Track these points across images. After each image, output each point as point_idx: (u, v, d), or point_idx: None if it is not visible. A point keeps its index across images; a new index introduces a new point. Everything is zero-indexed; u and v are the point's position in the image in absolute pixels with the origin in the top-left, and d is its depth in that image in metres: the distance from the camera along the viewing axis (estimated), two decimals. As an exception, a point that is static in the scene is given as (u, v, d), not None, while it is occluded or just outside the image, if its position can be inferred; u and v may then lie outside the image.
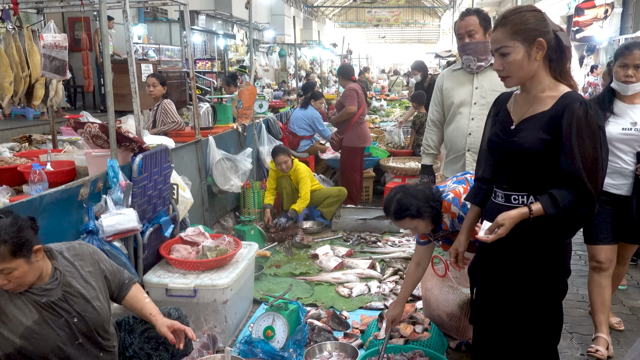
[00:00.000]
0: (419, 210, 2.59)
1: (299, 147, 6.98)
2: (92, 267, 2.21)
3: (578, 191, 1.87)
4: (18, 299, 1.97)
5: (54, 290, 2.04)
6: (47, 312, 2.02)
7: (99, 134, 3.21)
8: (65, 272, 2.10)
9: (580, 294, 3.97)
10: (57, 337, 2.03)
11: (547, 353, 2.11)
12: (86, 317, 2.11)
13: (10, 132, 6.79)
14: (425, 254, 2.91)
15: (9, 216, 1.92)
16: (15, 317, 1.95)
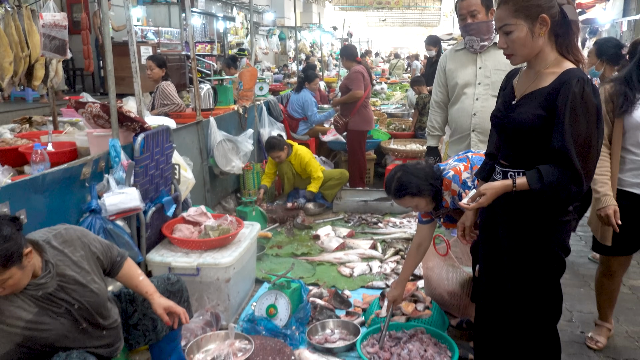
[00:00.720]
0: (419, 188, 2.60)
1: (298, 130, 6.96)
2: (83, 250, 2.15)
3: (566, 169, 1.85)
4: (14, 297, 1.92)
5: (49, 282, 1.99)
6: (46, 304, 1.99)
7: (100, 113, 3.20)
8: (57, 262, 2.04)
9: (581, 273, 3.99)
10: (61, 326, 2.02)
11: (546, 331, 2.12)
12: (86, 302, 2.09)
13: (9, 114, 6.76)
14: (426, 234, 2.92)
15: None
16: (13, 314, 1.91)
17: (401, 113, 9.01)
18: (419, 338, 2.87)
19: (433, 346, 2.81)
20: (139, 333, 2.39)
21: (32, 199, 2.50)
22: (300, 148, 5.50)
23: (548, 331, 2.11)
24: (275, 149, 5.31)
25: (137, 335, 2.40)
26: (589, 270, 4.05)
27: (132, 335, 2.40)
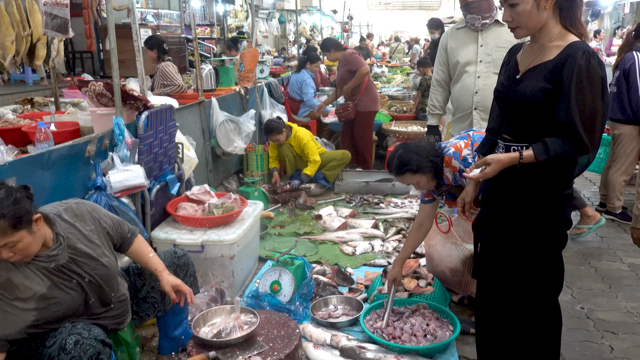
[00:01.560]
0: (419, 165, 2.64)
1: (299, 112, 6.96)
2: (93, 224, 2.17)
3: (572, 142, 1.87)
4: (26, 269, 1.95)
5: (60, 255, 2.02)
6: (57, 277, 2.01)
7: (103, 92, 3.21)
8: (68, 235, 2.06)
9: (580, 251, 4.03)
10: (72, 299, 2.04)
11: (548, 303, 2.15)
12: (97, 275, 2.12)
13: (10, 96, 6.74)
14: (428, 214, 2.95)
15: (1, 188, 1.84)
16: (27, 287, 1.93)
17: (402, 95, 8.99)
18: (421, 313, 2.91)
19: (435, 321, 2.85)
20: (148, 305, 2.43)
21: (38, 175, 2.51)
22: (299, 130, 5.51)
23: (550, 303, 2.14)
24: (273, 132, 5.31)
25: (146, 308, 2.44)
26: (589, 249, 4.10)
27: (142, 308, 2.44)
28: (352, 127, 6.10)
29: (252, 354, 2.30)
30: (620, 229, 4.54)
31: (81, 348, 1.92)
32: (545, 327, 2.16)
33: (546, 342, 2.17)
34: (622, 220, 4.64)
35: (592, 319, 3.06)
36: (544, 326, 2.16)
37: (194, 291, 2.61)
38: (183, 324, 2.71)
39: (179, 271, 2.50)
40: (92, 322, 2.11)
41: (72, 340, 1.93)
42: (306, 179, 5.37)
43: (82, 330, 1.98)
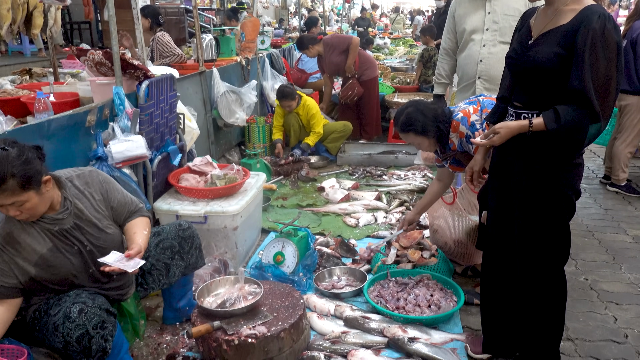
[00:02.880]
0: (424, 127, 2.65)
1: (306, 84, 6.91)
2: (101, 195, 2.18)
3: (584, 110, 1.82)
4: (31, 228, 1.97)
5: (66, 219, 2.03)
6: (60, 240, 2.02)
7: (102, 61, 3.14)
8: (75, 201, 2.07)
9: (584, 224, 4.01)
10: (71, 265, 2.05)
11: (554, 273, 2.14)
12: (99, 245, 2.12)
13: (8, 68, 6.65)
14: (445, 172, 3.02)
15: (14, 147, 1.83)
16: (29, 245, 1.95)
17: (405, 67, 8.88)
18: (425, 284, 2.91)
19: (439, 291, 2.85)
20: (152, 278, 2.42)
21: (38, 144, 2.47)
22: (308, 99, 5.46)
23: (556, 273, 2.13)
24: (287, 98, 5.25)
25: (150, 281, 2.43)
26: (593, 221, 4.08)
27: (146, 280, 2.43)
28: (359, 99, 6.04)
29: (257, 324, 2.30)
30: (624, 201, 4.52)
31: (85, 316, 1.93)
32: (551, 296, 2.15)
33: (551, 311, 2.17)
34: (626, 193, 4.61)
35: (596, 290, 3.06)
36: (549, 295, 2.15)
37: (199, 264, 2.61)
38: (187, 295, 2.71)
39: (183, 243, 2.48)
40: (95, 292, 2.11)
41: (76, 308, 1.93)
42: (306, 148, 5.34)
43: (86, 299, 1.99)
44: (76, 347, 1.94)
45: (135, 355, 2.47)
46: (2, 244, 1.93)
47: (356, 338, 2.51)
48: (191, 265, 2.55)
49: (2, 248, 1.93)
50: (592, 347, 2.52)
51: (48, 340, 2.00)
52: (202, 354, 2.35)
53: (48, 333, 1.98)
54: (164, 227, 2.51)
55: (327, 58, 5.99)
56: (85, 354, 1.96)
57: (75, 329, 1.92)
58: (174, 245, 2.44)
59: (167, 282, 2.48)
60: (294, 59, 7.85)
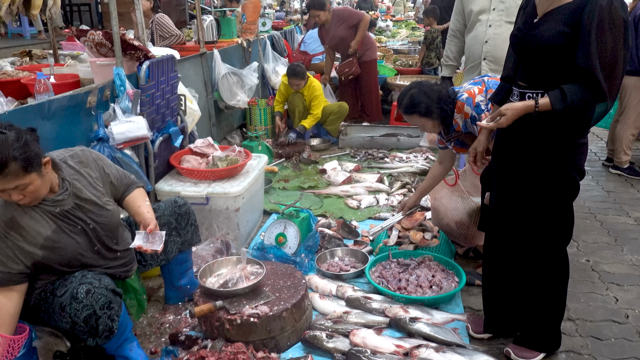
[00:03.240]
0: (428, 109, 2.63)
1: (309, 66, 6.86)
2: (98, 172, 2.18)
3: (590, 88, 1.80)
4: (33, 212, 1.96)
5: (66, 200, 2.02)
6: (63, 221, 2.02)
7: (102, 41, 3.12)
8: (73, 180, 2.07)
9: (586, 206, 4.01)
10: (77, 244, 2.05)
11: (557, 253, 2.14)
12: (101, 222, 2.13)
13: (7, 50, 6.60)
14: (447, 155, 2.99)
15: (11, 130, 1.80)
16: (33, 229, 1.94)
17: (407, 49, 8.80)
18: (427, 265, 2.92)
19: (441, 272, 2.86)
20: (150, 254, 2.43)
21: (39, 126, 2.41)
22: (314, 81, 5.43)
23: (558, 253, 2.13)
24: (298, 76, 5.21)
25: (149, 257, 2.46)
26: (595, 203, 4.07)
27: (144, 257, 2.45)
28: (358, 81, 5.98)
29: (259, 304, 2.31)
30: (627, 183, 4.51)
31: (92, 297, 1.94)
32: (553, 276, 2.16)
33: (553, 291, 2.17)
34: (629, 175, 4.60)
35: (597, 271, 3.07)
36: (551, 275, 2.16)
37: (195, 240, 2.63)
38: (188, 273, 2.72)
39: (180, 220, 2.51)
40: (102, 272, 2.13)
41: (83, 289, 1.94)
42: (302, 130, 5.32)
43: (92, 280, 1.99)
44: (83, 327, 1.95)
45: (138, 335, 2.49)
46: (5, 230, 1.91)
47: (358, 318, 2.52)
48: (187, 242, 2.58)
49: (5, 234, 1.91)
50: (592, 327, 2.54)
51: (54, 321, 2.02)
52: (205, 333, 2.37)
53: (54, 314, 1.99)
54: (159, 204, 2.53)
55: (332, 29, 5.82)
56: (92, 334, 1.98)
57: (82, 310, 1.92)
58: (170, 221, 2.47)
59: (165, 258, 2.51)
60: (296, 42, 7.79)
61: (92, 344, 2.04)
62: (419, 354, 2.22)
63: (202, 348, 2.26)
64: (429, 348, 2.26)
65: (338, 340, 2.34)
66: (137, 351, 2.25)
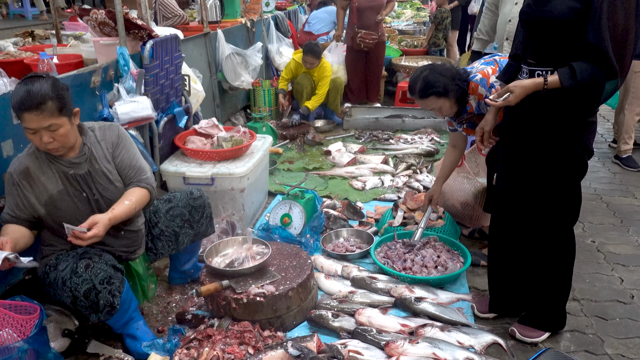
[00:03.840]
0: (445, 87, 2.51)
1: None
2: (111, 149, 2.22)
3: (601, 65, 1.78)
4: (48, 169, 2.05)
5: (81, 165, 2.10)
6: (71, 185, 2.08)
7: (106, 20, 3.08)
8: (93, 148, 2.15)
9: (592, 187, 3.99)
10: (76, 210, 2.09)
11: (563, 232, 2.13)
12: (106, 196, 2.16)
13: (10, 31, 6.58)
14: (459, 137, 2.91)
15: (49, 78, 1.96)
16: (42, 183, 2.03)
17: (412, 30, 8.71)
18: (432, 245, 2.92)
19: (446, 253, 2.86)
20: (161, 244, 2.43)
21: None
22: (327, 63, 5.39)
23: (565, 232, 2.12)
24: (314, 55, 5.16)
25: (160, 247, 2.44)
26: (601, 184, 4.06)
27: (156, 245, 2.44)
28: (365, 60, 5.91)
29: (265, 283, 2.32)
30: (633, 165, 4.48)
31: (92, 271, 1.97)
32: (560, 255, 2.16)
33: (559, 270, 2.17)
34: (626, 167, 4.42)
35: (603, 252, 3.06)
36: (558, 255, 2.15)
37: (209, 231, 2.61)
38: (193, 259, 2.73)
39: (194, 212, 2.47)
40: (102, 248, 2.15)
41: (82, 264, 1.97)
42: (306, 112, 5.29)
43: (92, 255, 2.03)
44: (84, 301, 1.98)
45: (145, 314, 2.51)
46: (19, 178, 2.02)
47: (363, 298, 2.53)
48: (201, 233, 2.56)
49: (17, 182, 2.02)
50: (597, 307, 2.54)
51: (57, 296, 2.05)
52: (212, 312, 2.39)
53: (57, 288, 2.01)
54: (175, 194, 2.50)
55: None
56: (93, 309, 2.01)
57: (82, 284, 1.95)
58: (184, 213, 2.45)
59: (176, 248, 2.49)
60: (300, 22, 7.71)
61: (95, 319, 2.07)
62: (424, 333, 2.24)
63: (209, 327, 2.28)
64: (434, 327, 2.27)
65: (344, 319, 2.35)
66: (144, 329, 2.27)
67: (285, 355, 2.04)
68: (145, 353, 2.15)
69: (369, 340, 2.20)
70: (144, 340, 2.21)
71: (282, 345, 2.09)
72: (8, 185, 2.04)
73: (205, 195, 2.56)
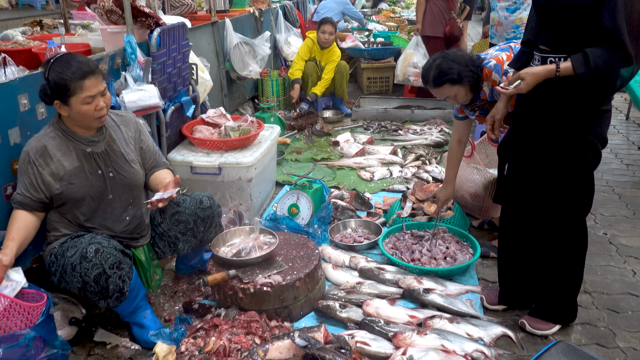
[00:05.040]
0: (460, 74, 2.45)
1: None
2: (134, 133, 2.32)
3: (616, 51, 1.73)
4: (66, 147, 2.08)
5: (99, 143, 2.16)
6: (87, 162, 2.13)
7: (113, 8, 3.06)
8: (111, 130, 2.22)
9: (605, 179, 3.93)
10: (90, 187, 2.13)
11: (576, 223, 2.09)
12: (121, 174, 2.22)
13: (18, 21, 6.58)
14: (464, 129, 2.84)
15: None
16: (59, 161, 2.06)
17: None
18: (441, 236, 2.89)
19: (455, 244, 2.83)
20: (164, 243, 2.41)
21: None
22: (336, 47, 5.37)
23: (578, 223, 2.08)
24: (332, 24, 5.13)
25: (162, 245, 2.42)
26: (614, 176, 3.99)
27: (158, 244, 2.42)
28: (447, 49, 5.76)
29: (272, 273, 2.30)
30: (646, 156, 4.41)
31: (102, 256, 1.97)
32: (572, 247, 2.12)
33: (571, 262, 2.13)
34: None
35: (615, 244, 3.02)
36: (570, 246, 2.12)
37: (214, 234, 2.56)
38: (199, 256, 2.72)
39: (199, 223, 2.40)
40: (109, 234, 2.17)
41: (92, 248, 1.97)
42: (314, 98, 5.27)
43: (101, 240, 2.03)
44: (94, 287, 1.98)
45: (152, 303, 2.50)
46: (34, 156, 2.03)
47: (371, 289, 2.51)
48: (208, 240, 2.50)
49: (33, 161, 2.02)
50: (609, 300, 2.50)
51: (65, 282, 2.05)
52: (218, 301, 2.38)
53: (66, 275, 2.01)
54: (185, 197, 2.43)
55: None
56: (102, 294, 2.01)
57: (92, 269, 1.95)
58: (188, 221, 2.38)
59: (175, 252, 2.46)
60: (309, 12, 7.66)
61: (104, 305, 2.07)
62: (433, 324, 2.21)
63: (216, 316, 2.27)
64: (443, 319, 2.24)
65: (351, 310, 2.33)
66: (151, 318, 2.27)
67: (292, 345, 2.03)
68: (152, 342, 2.15)
69: (377, 331, 2.18)
70: (151, 329, 2.21)
71: (289, 335, 2.08)
72: (24, 163, 2.04)
73: (216, 205, 2.49)
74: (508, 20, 4.03)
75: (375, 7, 10.12)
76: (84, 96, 1.99)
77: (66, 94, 1.99)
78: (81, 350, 2.21)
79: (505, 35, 4.06)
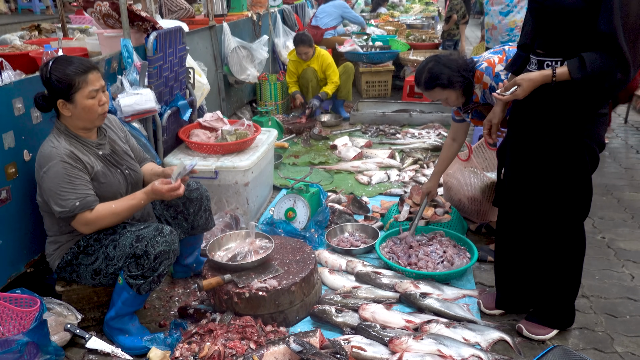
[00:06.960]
0: (450, 79, 2.48)
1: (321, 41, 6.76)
2: (122, 133, 2.38)
3: (612, 55, 1.72)
4: (84, 151, 2.13)
5: (105, 145, 2.22)
6: (107, 163, 2.20)
7: (110, 12, 3.06)
8: (109, 132, 2.28)
9: (603, 182, 3.92)
10: (118, 184, 2.22)
11: (574, 227, 2.08)
12: (134, 170, 2.32)
13: (17, 25, 6.59)
14: (460, 130, 2.86)
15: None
16: (88, 162, 2.11)
17: (421, 24, 8.63)
18: (438, 240, 2.87)
19: (452, 248, 2.82)
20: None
21: None
22: (321, 50, 5.36)
23: (576, 227, 2.07)
24: (305, 44, 5.13)
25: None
26: (612, 180, 3.98)
27: None
28: None
29: (268, 277, 2.29)
30: (645, 160, 4.40)
31: (173, 237, 2.12)
32: (570, 251, 2.11)
33: (569, 266, 2.12)
34: None
35: (613, 248, 3.00)
36: (568, 250, 2.11)
37: (209, 225, 2.61)
38: (195, 253, 2.71)
39: (188, 205, 2.46)
40: None
41: (167, 229, 2.12)
42: (325, 97, 5.28)
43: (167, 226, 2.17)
44: (150, 261, 2.06)
45: (147, 308, 2.49)
46: (70, 161, 2.05)
47: (367, 293, 2.50)
48: (200, 227, 2.55)
49: (72, 164, 2.05)
50: (607, 304, 2.49)
51: (105, 255, 2.10)
52: (214, 306, 2.36)
53: (116, 248, 2.08)
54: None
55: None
56: (144, 276, 2.08)
57: (162, 244, 2.06)
58: (177, 204, 2.46)
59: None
60: (307, 16, 7.66)
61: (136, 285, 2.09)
62: (429, 329, 2.20)
63: (211, 321, 2.25)
64: (440, 323, 2.23)
65: (347, 314, 2.32)
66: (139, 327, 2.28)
67: (288, 350, 2.01)
68: (144, 347, 2.13)
69: (373, 336, 2.16)
70: (140, 336, 2.20)
71: (284, 340, 2.06)
72: (65, 171, 2.01)
73: (203, 188, 2.54)
74: (502, 23, 4.04)
75: (374, 12, 10.15)
76: (89, 90, 2.03)
77: (71, 90, 2.01)
78: (75, 355, 2.19)
79: (500, 39, 4.07)
